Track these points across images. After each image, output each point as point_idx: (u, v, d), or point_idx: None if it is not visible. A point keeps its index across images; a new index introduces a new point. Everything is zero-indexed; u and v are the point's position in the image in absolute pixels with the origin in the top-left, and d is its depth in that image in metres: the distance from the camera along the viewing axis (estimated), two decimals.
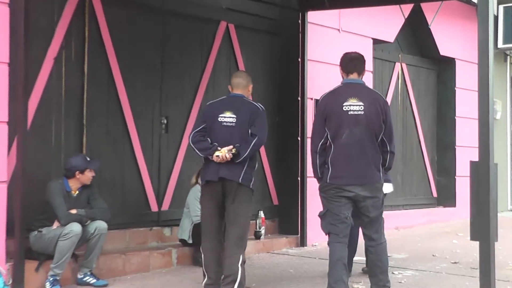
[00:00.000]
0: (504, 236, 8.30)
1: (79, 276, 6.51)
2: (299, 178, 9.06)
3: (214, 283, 5.88)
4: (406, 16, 11.16)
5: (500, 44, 13.02)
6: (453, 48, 12.29)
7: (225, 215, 5.93)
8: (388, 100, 11.03)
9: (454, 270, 7.58)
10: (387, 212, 7.32)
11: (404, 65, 11.93)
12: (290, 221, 9.16)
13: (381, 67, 11.41)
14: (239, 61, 8.99)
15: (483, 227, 5.58)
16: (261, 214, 8.71)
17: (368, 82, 6.09)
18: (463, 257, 8.40)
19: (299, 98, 9.14)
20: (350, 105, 5.57)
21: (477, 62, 5.68)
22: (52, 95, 7.03)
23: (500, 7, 12.82)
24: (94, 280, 6.50)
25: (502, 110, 13.71)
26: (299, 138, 9.10)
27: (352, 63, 5.78)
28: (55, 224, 6.29)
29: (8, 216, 6.21)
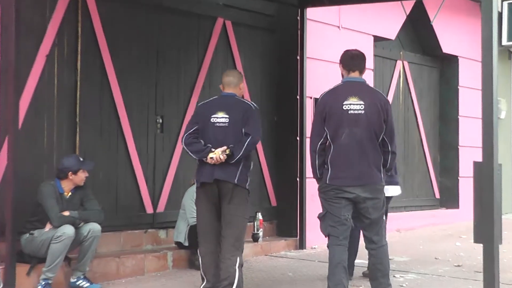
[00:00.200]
0: (509, 239, 8.31)
1: (72, 280, 6.50)
2: (298, 179, 9.06)
3: (213, 286, 5.90)
4: (407, 12, 11.17)
5: (505, 42, 13.01)
6: (456, 46, 12.30)
7: (221, 216, 5.94)
8: (389, 99, 11.03)
9: (457, 274, 7.59)
10: (388, 213, 7.32)
11: (405, 63, 11.94)
12: (289, 223, 9.16)
13: (382, 65, 11.41)
14: (236, 58, 8.99)
15: (487, 229, 5.58)
16: (259, 216, 8.71)
17: (369, 80, 6.10)
18: (466, 260, 8.40)
19: (298, 97, 9.14)
20: (350, 104, 5.56)
21: (480, 59, 5.68)
22: (44, 94, 7.02)
23: (504, 4, 12.81)
24: (88, 284, 6.50)
25: (507, 109, 13.71)
26: (298, 138, 9.10)
27: (354, 61, 5.78)
28: (47, 227, 6.29)
29: None
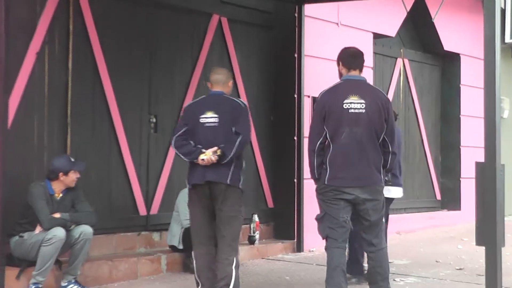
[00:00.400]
0: None
1: (63, 284, 6.49)
2: (296, 180, 9.07)
3: None
4: (408, 9, 11.18)
5: (508, 39, 13.01)
6: (458, 43, 12.32)
7: (216, 218, 5.95)
8: (389, 97, 11.02)
9: (459, 277, 7.60)
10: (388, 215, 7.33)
11: (406, 61, 11.95)
12: (286, 225, 9.17)
13: (382, 63, 11.42)
14: (232, 56, 8.98)
15: (489, 232, 5.59)
16: (255, 218, 8.71)
17: (368, 78, 6.10)
18: (468, 263, 8.42)
19: (295, 96, 9.15)
20: (350, 102, 5.56)
21: (483, 57, 5.69)
22: (35, 93, 7.01)
23: (508, 0, 12.83)
24: None
25: (510, 108, 13.74)
26: (296, 138, 9.11)
27: (355, 59, 5.78)
28: (38, 229, 6.28)
29: None
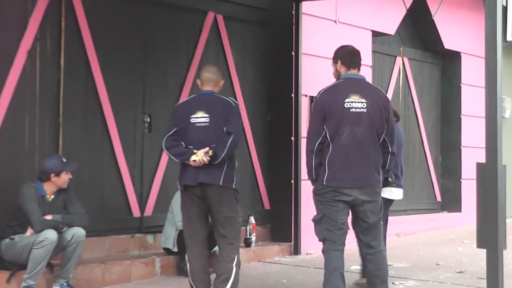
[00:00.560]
0: None
1: None
2: (293, 181, 9.06)
3: None
4: (407, 6, 11.18)
5: (509, 37, 13.04)
6: (458, 41, 12.32)
7: (213, 220, 5.96)
8: (389, 97, 11.03)
9: (460, 280, 7.60)
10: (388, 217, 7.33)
11: (405, 59, 11.95)
12: (283, 227, 9.16)
13: (381, 62, 11.42)
14: (228, 54, 8.98)
15: (490, 234, 5.60)
16: (251, 219, 8.71)
17: (367, 78, 6.09)
18: (469, 266, 8.42)
19: (293, 95, 9.14)
20: (352, 102, 5.55)
21: (484, 56, 5.69)
22: (26, 91, 7.00)
23: None
24: None
25: (511, 108, 13.76)
26: (293, 138, 9.10)
27: (355, 58, 5.78)
28: (29, 231, 6.27)
29: None
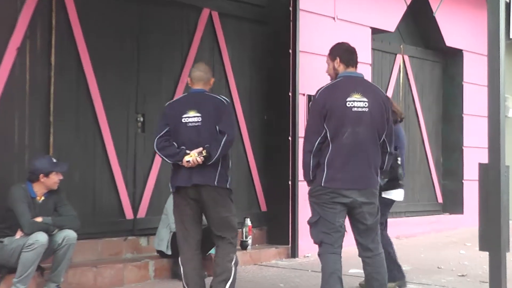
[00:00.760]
0: None
1: None
2: (290, 182, 9.05)
3: None
4: (408, 2, 11.18)
5: None
6: (460, 39, 12.33)
7: (209, 221, 5.97)
8: (388, 96, 11.04)
9: (462, 284, 7.60)
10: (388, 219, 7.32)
11: (406, 57, 11.95)
12: (280, 229, 9.15)
13: (380, 59, 11.42)
14: (224, 52, 8.97)
15: (493, 236, 5.58)
16: (247, 222, 8.70)
17: (366, 76, 6.07)
18: (471, 269, 8.41)
19: (290, 94, 9.13)
20: (354, 101, 5.52)
21: (486, 54, 5.68)
22: (15, 90, 7.00)
23: None
24: None
25: None
26: (290, 138, 9.09)
27: (353, 55, 5.77)
28: (18, 234, 6.26)
29: None
